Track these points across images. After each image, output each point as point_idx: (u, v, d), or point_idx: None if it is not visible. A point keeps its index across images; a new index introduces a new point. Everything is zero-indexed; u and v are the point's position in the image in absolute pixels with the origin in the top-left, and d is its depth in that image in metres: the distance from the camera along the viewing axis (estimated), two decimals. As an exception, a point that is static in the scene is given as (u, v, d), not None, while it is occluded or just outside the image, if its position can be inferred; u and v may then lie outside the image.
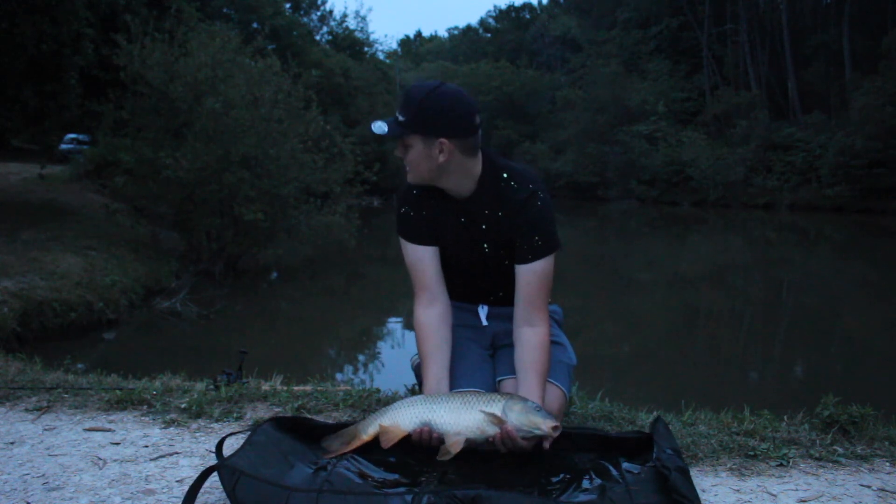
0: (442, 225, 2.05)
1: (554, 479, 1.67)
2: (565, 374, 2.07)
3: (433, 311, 2.03)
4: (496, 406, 1.72)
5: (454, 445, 1.69)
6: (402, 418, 1.77)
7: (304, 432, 1.88)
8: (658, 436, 1.73)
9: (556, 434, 1.70)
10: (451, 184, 1.98)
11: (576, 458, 1.76)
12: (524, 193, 1.96)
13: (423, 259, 2.06)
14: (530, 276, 1.97)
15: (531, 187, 1.97)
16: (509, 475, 1.69)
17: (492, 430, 1.71)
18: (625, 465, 1.70)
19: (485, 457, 1.79)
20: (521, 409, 1.70)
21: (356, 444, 1.77)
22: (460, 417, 1.72)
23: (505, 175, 1.99)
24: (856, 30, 33.02)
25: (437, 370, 1.96)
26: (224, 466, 1.59)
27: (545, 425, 1.69)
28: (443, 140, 1.90)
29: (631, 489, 1.56)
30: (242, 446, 1.72)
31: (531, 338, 1.94)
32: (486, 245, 2.04)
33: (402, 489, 1.60)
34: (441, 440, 1.74)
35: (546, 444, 1.72)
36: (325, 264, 13.45)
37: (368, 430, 1.78)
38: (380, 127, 1.92)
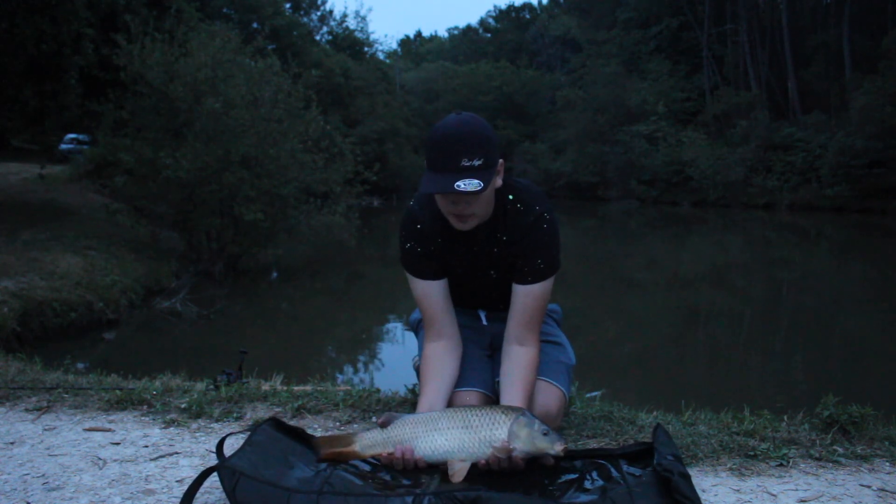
0: (451, 256, 1.99)
1: (556, 480, 1.67)
2: (565, 375, 2.06)
3: (440, 343, 2.00)
4: (501, 429, 1.66)
5: (459, 473, 1.64)
6: (402, 444, 1.70)
7: (304, 435, 1.88)
8: (658, 442, 1.73)
9: (563, 454, 1.67)
10: (484, 216, 1.90)
11: (577, 461, 1.76)
12: (531, 217, 1.91)
13: (431, 294, 2.00)
14: (528, 298, 1.93)
15: (537, 209, 1.92)
16: (510, 476, 1.68)
17: (496, 454, 1.66)
18: (626, 467, 1.70)
19: None
20: (527, 435, 1.65)
21: (351, 458, 1.73)
22: (464, 445, 1.67)
23: (511, 197, 1.93)
24: (856, 30, 33.00)
25: (431, 395, 1.91)
26: (224, 467, 1.58)
27: (553, 450, 1.64)
28: (501, 160, 1.83)
29: (633, 491, 1.56)
30: (242, 446, 1.71)
31: (521, 356, 1.91)
32: (493, 271, 2.01)
33: (402, 490, 1.59)
34: (421, 464, 1.68)
35: (549, 461, 1.69)
36: (325, 264, 13.46)
37: (368, 454, 1.73)
38: (468, 184, 1.71)
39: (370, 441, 1.73)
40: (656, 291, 12.49)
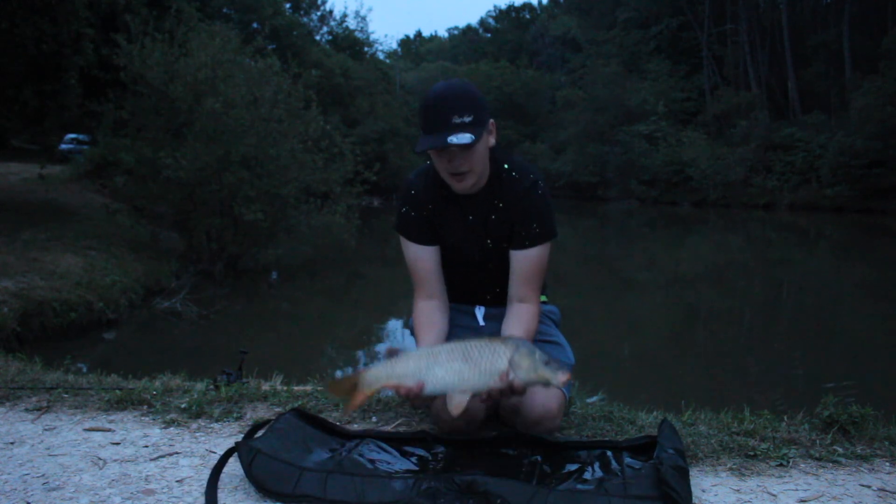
0: (446, 224, 2.07)
1: (558, 470, 1.71)
2: (565, 374, 2.07)
3: (431, 302, 2.08)
4: (501, 360, 1.68)
5: (458, 406, 1.68)
6: (405, 379, 1.75)
7: (325, 425, 1.98)
8: (663, 437, 1.75)
9: (566, 384, 1.69)
10: (481, 177, 1.98)
11: (582, 453, 1.80)
12: (525, 183, 2.00)
13: (423, 258, 2.09)
14: (525, 261, 2.01)
15: (532, 177, 2.01)
16: (515, 466, 1.72)
17: (497, 385, 1.69)
18: (628, 460, 1.73)
19: (491, 446, 1.84)
20: (529, 364, 1.66)
21: (361, 399, 1.79)
22: (464, 377, 1.70)
23: (506, 166, 2.02)
24: (856, 30, 33.01)
25: (431, 340, 1.98)
26: (243, 445, 1.69)
27: (556, 379, 1.66)
28: (492, 121, 1.94)
29: (627, 482, 1.59)
30: (265, 432, 1.84)
31: (522, 309, 1.99)
32: (489, 241, 2.06)
33: (407, 474, 1.66)
34: (424, 395, 1.73)
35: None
36: (325, 264, 13.44)
37: (375, 387, 1.79)
38: (460, 138, 1.81)
39: (373, 376, 1.78)
40: (656, 291, 12.48)
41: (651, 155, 34.99)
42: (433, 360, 1.73)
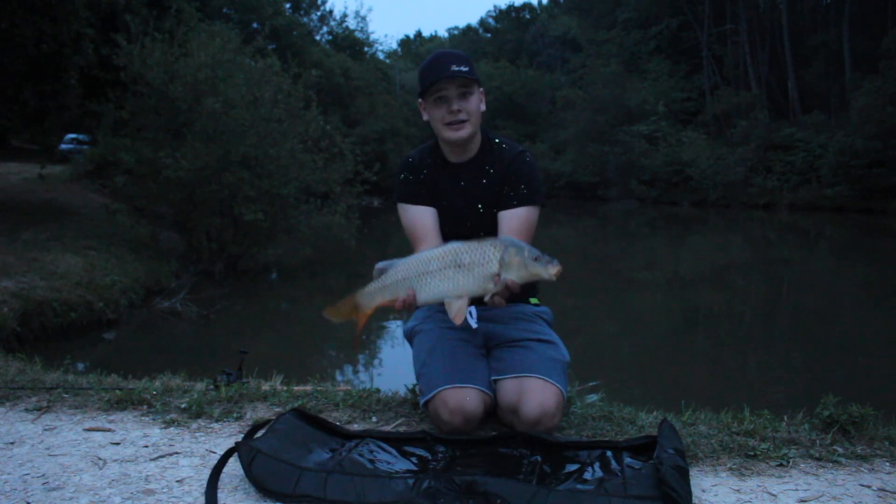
0: (440, 189, 2.19)
1: (558, 471, 1.71)
2: (561, 372, 2.07)
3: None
4: (491, 263, 1.70)
5: (458, 313, 1.70)
6: (398, 291, 1.78)
7: (325, 425, 1.99)
8: (663, 437, 1.75)
9: (557, 277, 1.70)
10: (471, 142, 2.16)
11: (582, 453, 1.80)
12: (514, 151, 2.19)
13: (422, 218, 2.19)
14: (513, 220, 2.10)
15: (520, 148, 2.20)
16: (515, 466, 1.72)
17: (491, 286, 1.70)
18: (628, 460, 1.74)
19: (491, 446, 1.84)
20: (519, 263, 1.69)
21: (364, 320, 1.86)
22: (457, 283, 1.72)
23: (497, 140, 2.22)
24: (856, 30, 32.99)
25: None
26: (244, 445, 1.71)
27: (547, 273, 1.68)
28: (482, 89, 2.15)
29: (628, 482, 1.60)
30: (265, 432, 1.85)
31: None
32: (480, 205, 2.17)
33: (407, 474, 1.66)
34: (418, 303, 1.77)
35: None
36: (325, 264, 13.44)
37: (371, 305, 1.84)
38: (459, 70, 2.02)
39: (367, 294, 1.82)
40: (656, 291, 12.48)
41: (651, 155, 34.94)
42: (424, 268, 1.74)
